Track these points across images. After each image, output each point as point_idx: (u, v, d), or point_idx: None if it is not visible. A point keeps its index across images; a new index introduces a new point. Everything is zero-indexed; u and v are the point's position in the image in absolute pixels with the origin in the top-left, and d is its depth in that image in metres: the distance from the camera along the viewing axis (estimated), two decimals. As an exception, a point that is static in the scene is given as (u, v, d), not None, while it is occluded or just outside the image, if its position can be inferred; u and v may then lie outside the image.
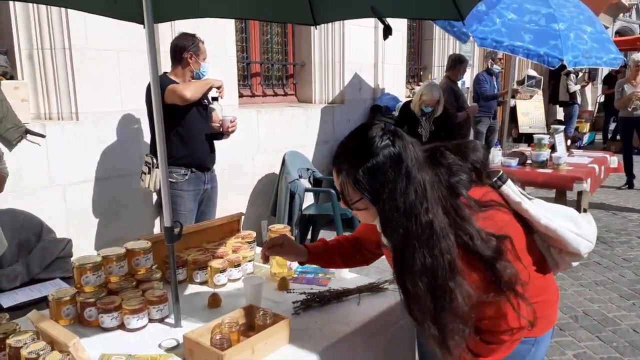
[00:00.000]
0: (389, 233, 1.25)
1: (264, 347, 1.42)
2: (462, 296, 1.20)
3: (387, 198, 1.21)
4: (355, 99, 6.02)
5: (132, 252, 1.78)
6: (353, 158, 1.24)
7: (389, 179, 1.20)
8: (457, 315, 1.21)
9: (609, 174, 5.09)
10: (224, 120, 3.30)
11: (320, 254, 1.70)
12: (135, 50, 3.61)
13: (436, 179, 1.26)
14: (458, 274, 1.20)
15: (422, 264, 1.19)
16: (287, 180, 4.54)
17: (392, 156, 1.21)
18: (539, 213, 1.41)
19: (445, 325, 1.22)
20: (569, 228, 1.44)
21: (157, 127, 1.63)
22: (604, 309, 3.59)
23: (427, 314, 1.22)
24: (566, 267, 1.56)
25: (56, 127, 3.35)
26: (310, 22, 2.19)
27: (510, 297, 1.26)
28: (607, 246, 4.91)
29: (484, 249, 1.22)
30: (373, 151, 1.21)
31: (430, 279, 1.20)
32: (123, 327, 1.60)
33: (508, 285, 1.24)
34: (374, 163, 1.21)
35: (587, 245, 1.48)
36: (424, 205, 1.20)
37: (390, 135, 1.24)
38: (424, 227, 1.19)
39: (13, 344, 1.29)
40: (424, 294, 1.21)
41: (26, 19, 3.31)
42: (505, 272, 1.23)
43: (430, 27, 7.75)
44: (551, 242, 1.50)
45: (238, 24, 4.90)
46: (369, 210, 1.29)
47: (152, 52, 1.58)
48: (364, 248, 1.70)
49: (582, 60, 4.33)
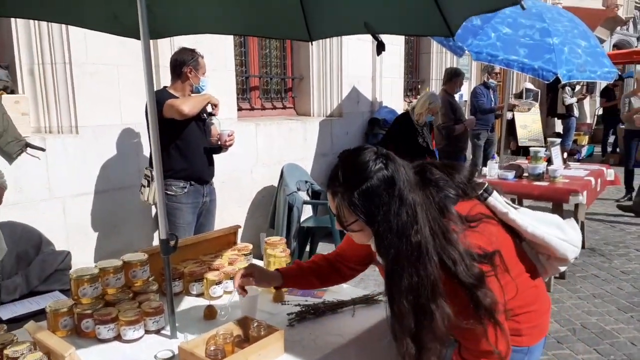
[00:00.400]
0: (382, 252, 1.28)
1: (257, 358, 1.44)
2: (441, 318, 1.22)
3: (382, 220, 1.24)
4: (354, 112, 6.07)
5: (129, 265, 1.80)
6: (348, 181, 1.27)
7: (383, 201, 1.24)
8: (435, 335, 1.24)
9: (605, 186, 5.11)
10: (221, 134, 3.34)
11: (294, 276, 1.71)
12: (134, 65, 3.66)
13: (427, 200, 1.29)
14: (440, 296, 1.23)
15: (409, 283, 1.23)
16: (285, 192, 4.56)
17: (386, 179, 1.24)
18: (525, 222, 1.45)
19: (423, 345, 1.25)
20: (556, 235, 1.49)
21: (152, 140, 1.66)
22: (601, 322, 3.58)
23: (408, 332, 1.25)
24: (554, 272, 1.61)
25: (56, 140, 3.39)
26: (306, 39, 2.24)
27: (487, 326, 1.28)
28: (605, 259, 4.91)
29: (465, 276, 1.24)
30: (367, 175, 1.24)
31: (414, 298, 1.23)
32: (119, 338, 1.62)
33: (487, 312, 1.26)
34: (369, 186, 1.24)
35: (573, 250, 1.52)
36: (414, 227, 1.23)
37: (383, 159, 1.27)
38: (413, 247, 1.22)
39: (10, 354, 1.31)
40: (407, 312, 1.24)
41: (27, 34, 3.36)
42: (485, 300, 1.25)
43: (427, 41, 7.83)
44: (539, 249, 1.54)
45: (237, 39, 4.96)
46: (364, 232, 1.32)
47: (147, 66, 1.62)
48: (343, 265, 1.71)
49: (576, 74, 4.37)
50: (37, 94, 3.46)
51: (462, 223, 1.31)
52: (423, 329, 1.24)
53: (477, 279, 1.25)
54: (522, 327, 1.45)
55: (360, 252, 1.62)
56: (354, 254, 1.67)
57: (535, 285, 1.53)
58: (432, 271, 1.22)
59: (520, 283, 1.44)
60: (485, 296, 1.25)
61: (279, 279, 1.68)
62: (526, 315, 1.46)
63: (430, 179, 1.36)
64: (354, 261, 1.69)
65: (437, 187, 1.35)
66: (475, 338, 1.31)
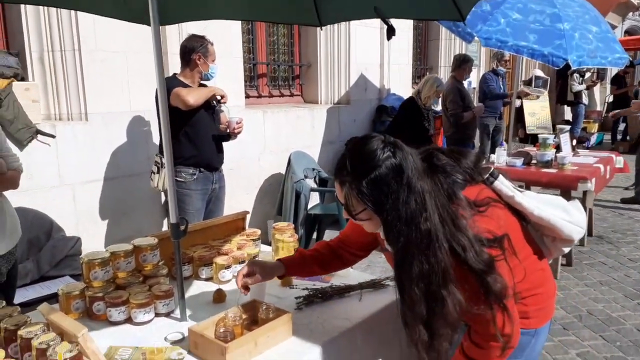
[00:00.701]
0: (391, 241, 1.29)
1: (266, 340, 1.46)
2: (453, 303, 1.24)
3: (391, 208, 1.24)
4: (361, 99, 6.05)
5: (139, 249, 1.83)
6: (356, 170, 1.27)
7: (392, 189, 1.24)
8: (447, 321, 1.25)
9: (614, 174, 5.08)
10: (230, 122, 3.35)
11: (297, 265, 1.71)
12: (143, 51, 3.67)
13: (435, 187, 1.30)
14: (451, 282, 1.24)
15: (420, 270, 1.24)
16: (292, 180, 4.58)
17: (394, 167, 1.24)
18: (532, 205, 1.46)
19: (435, 332, 1.27)
20: (561, 216, 1.50)
21: (163, 127, 1.68)
22: (608, 309, 3.59)
23: (420, 319, 1.26)
24: (559, 253, 1.63)
25: (66, 127, 3.42)
26: (315, 24, 2.23)
27: (496, 311, 1.29)
28: (613, 246, 4.90)
29: (474, 262, 1.25)
30: (375, 163, 1.24)
31: (426, 285, 1.24)
32: (130, 320, 1.65)
33: (497, 298, 1.27)
34: (377, 175, 1.24)
35: (578, 231, 1.54)
36: (423, 215, 1.23)
37: (391, 147, 1.27)
38: (423, 234, 1.23)
39: (24, 335, 1.34)
40: (418, 299, 1.25)
41: (37, 21, 3.37)
42: (495, 285, 1.26)
43: (436, 27, 7.76)
44: (544, 232, 1.55)
45: (245, 26, 4.95)
46: (372, 220, 1.32)
47: (157, 53, 1.62)
48: (346, 251, 1.71)
49: (587, 60, 4.33)
50: (47, 81, 3.48)
51: (470, 208, 1.32)
52: (435, 315, 1.25)
53: (487, 264, 1.26)
54: (529, 309, 1.46)
55: (364, 238, 1.63)
56: (358, 239, 1.67)
57: (541, 268, 1.54)
58: (442, 258, 1.23)
59: (527, 266, 1.45)
60: (495, 282, 1.26)
61: (282, 269, 1.68)
62: (533, 297, 1.47)
63: (437, 165, 1.36)
64: (356, 247, 1.70)
65: (445, 173, 1.35)
66: (485, 322, 1.32)
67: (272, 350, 1.48)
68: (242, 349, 1.39)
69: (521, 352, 1.45)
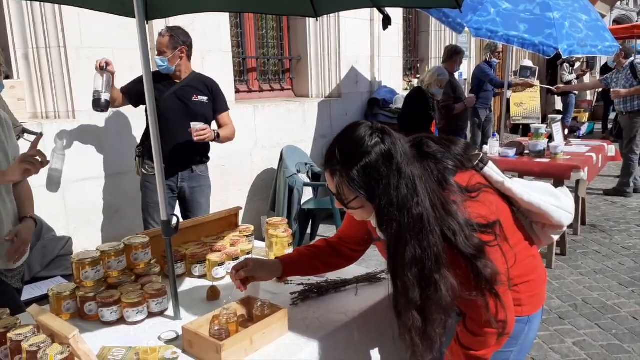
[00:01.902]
0: (383, 227, 1.28)
1: (262, 336, 1.44)
2: (446, 288, 1.23)
3: (382, 194, 1.24)
4: (353, 92, 6.02)
5: (130, 247, 1.79)
6: (346, 158, 1.26)
7: (382, 175, 1.23)
8: (440, 306, 1.24)
9: (606, 162, 5.10)
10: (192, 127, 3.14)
11: (295, 262, 1.67)
12: (130, 47, 3.61)
13: (425, 172, 1.29)
14: (443, 267, 1.23)
15: (413, 255, 1.23)
16: (285, 175, 4.55)
17: (384, 153, 1.24)
18: (522, 190, 1.46)
19: (429, 317, 1.26)
20: (550, 202, 1.50)
21: (151, 124, 1.64)
22: (603, 297, 3.60)
23: (413, 304, 1.25)
24: (548, 241, 1.63)
25: (53, 125, 3.36)
26: (311, 14, 2.19)
27: (488, 298, 1.28)
28: (606, 234, 4.92)
29: (465, 247, 1.24)
30: (365, 150, 1.24)
31: (419, 270, 1.23)
32: (123, 320, 1.62)
33: (487, 283, 1.26)
34: (367, 161, 1.23)
35: (567, 216, 1.54)
36: (414, 199, 1.23)
37: (379, 133, 1.26)
38: (415, 219, 1.22)
39: (14, 337, 1.30)
40: (412, 284, 1.24)
41: (20, 18, 3.31)
42: (485, 270, 1.25)
43: (426, 19, 7.73)
44: (534, 218, 1.55)
45: (233, 19, 4.90)
46: (364, 208, 1.31)
47: (143, 48, 1.58)
48: (345, 247, 1.70)
49: (577, 49, 4.32)
50: (32, 79, 3.42)
51: (462, 193, 1.31)
52: (428, 300, 1.24)
53: (477, 249, 1.25)
54: (522, 296, 1.45)
55: (360, 232, 1.62)
56: (354, 234, 1.66)
57: (532, 254, 1.54)
58: (434, 242, 1.22)
59: (519, 252, 1.44)
60: (486, 267, 1.25)
61: (279, 267, 1.65)
62: (525, 284, 1.47)
63: (427, 152, 1.35)
64: (354, 242, 1.69)
65: (435, 159, 1.34)
66: (478, 308, 1.31)
67: (268, 346, 1.45)
68: (238, 347, 1.37)
69: (515, 340, 1.45)
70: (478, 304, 1.30)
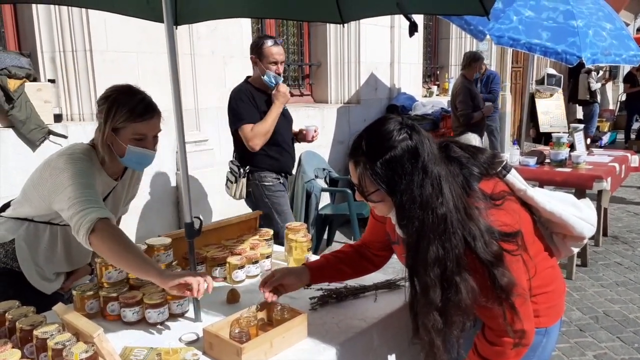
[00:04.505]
0: (404, 224, 1.27)
1: (281, 340, 1.44)
2: (466, 290, 1.22)
3: (404, 190, 1.23)
4: (372, 98, 6.02)
5: (152, 248, 1.81)
6: (371, 151, 1.26)
7: (406, 171, 1.23)
8: (460, 308, 1.24)
9: (629, 173, 5.01)
10: (308, 131, 3.25)
11: (323, 267, 1.68)
12: (154, 52, 3.67)
13: (450, 175, 1.28)
14: (464, 269, 1.23)
15: (435, 256, 1.22)
16: (303, 180, 4.56)
17: (410, 149, 1.23)
18: (544, 199, 1.45)
19: (449, 318, 1.25)
20: (572, 212, 1.49)
21: (177, 130, 1.66)
22: (625, 310, 3.53)
23: (434, 305, 1.25)
24: (568, 253, 1.60)
25: (78, 127, 3.42)
26: (337, 20, 2.20)
27: (505, 307, 1.27)
28: (629, 246, 4.83)
29: (483, 253, 1.23)
30: (391, 144, 1.24)
31: (441, 271, 1.23)
32: (144, 321, 1.64)
33: (504, 292, 1.25)
34: (392, 156, 1.23)
35: (589, 228, 1.52)
36: (439, 199, 1.22)
37: (408, 129, 1.26)
38: (439, 219, 1.22)
39: (40, 335, 1.33)
40: (433, 285, 1.23)
41: (48, 22, 3.39)
42: (502, 279, 1.24)
43: (446, 26, 7.71)
44: (554, 229, 1.53)
45: (255, 25, 4.94)
46: (384, 203, 1.31)
47: (171, 53, 1.61)
48: (369, 251, 1.71)
49: (601, 58, 4.26)
50: (58, 81, 3.49)
51: (486, 201, 1.30)
52: (449, 302, 1.24)
53: (495, 256, 1.24)
54: (540, 307, 1.43)
55: (382, 236, 1.62)
56: (377, 239, 1.67)
57: (551, 265, 1.52)
58: (456, 244, 1.22)
59: (538, 263, 1.43)
60: (503, 276, 1.24)
61: (306, 273, 1.65)
62: (544, 295, 1.45)
63: (452, 156, 1.35)
64: (377, 247, 1.69)
65: (460, 164, 1.34)
66: (495, 317, 1.30)
67: (288, 350, 1.46)
68: (258, 350, 1.38)
69: (532, 352, 1.43)
70: (494, 313, 1.29)
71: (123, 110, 1.74)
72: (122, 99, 1.77)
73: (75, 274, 2.04)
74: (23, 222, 1.86)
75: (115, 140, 1.77)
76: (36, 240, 1.84)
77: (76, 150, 1.77)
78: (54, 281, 1.94)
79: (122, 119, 1.75)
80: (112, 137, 1.77)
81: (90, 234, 1.50)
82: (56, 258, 1.91)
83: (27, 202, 1.83)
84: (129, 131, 1.77)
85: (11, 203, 1.94)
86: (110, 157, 1.82)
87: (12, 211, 1.90)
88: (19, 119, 3.06)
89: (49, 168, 1.72)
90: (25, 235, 1.85)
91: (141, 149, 1.80)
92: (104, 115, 1.77)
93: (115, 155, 1.81)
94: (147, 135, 1.81)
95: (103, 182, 1.86)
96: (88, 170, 1.71)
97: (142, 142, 1.80)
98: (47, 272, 1.91)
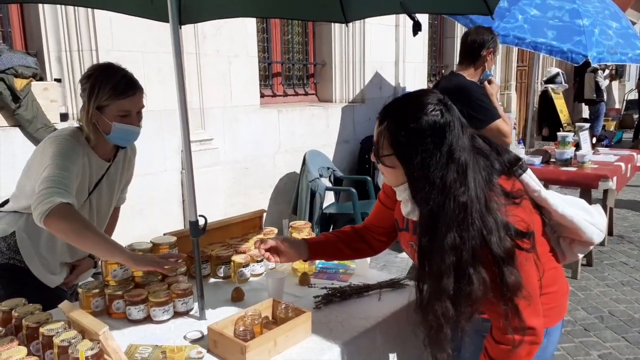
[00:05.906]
0: (419, 201, 1.26)
1: (285, 339, 1.45)
2: (478, 282, 1.21)
3: (419, 165, 1.22)
4: (376, 97, 6.01)
5: (158, 247, 1.83)
6: (399, 114, 1.26)
7: (425, 147, 1.21)
8: (470, 299, 1.23)
9: (635, 172, 4.98)
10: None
11: (322, 244, 1.70)
12: (160, 51, 3.68)
13: (476, 165, 1.27)
14: (477, 261, 1.22)
15: (453, 243, 1.21)
16: (307, 179, 4.57)
17: (437, 126, 1.21)
18: (557, 202, 1.44)
19: (459, 308, 1.24)
20: (584, 217, 1.48)
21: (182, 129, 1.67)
22: (630, 310, 3.52)
23: (446, 293, 1.23)
24: (573, 258, 1.59)
25: (84, 127, 3.44)
26: (341, 20, 2.20)
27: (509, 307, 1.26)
28: (634, 246, 4.81)
29: (496, 247, 1.22)
30: (420, 115, 1.22)
31: (457, 259, 1.21)
32: (149, 319, 1.65)
33: (509, 291, 1.24)
34: (417, 126, 1.22)
35: (599, 234, 1.51)
36: (462, 187, 1.21)
37: (443, 107, 1.24)
38: (460, 207, 1.20)
39: (46, 332, 1.34)
40: (447, 272, 1.22)
41: (54, 22, 3.40)
42: (509, 277, 1.23)
43: (451, 24, 7.68)
44: (563, 232, 1.52)
45: (259, 24, 4.95)
46: (395, 170, 1.30)
47: (177, 53, 1.62)
48: (370, 235, 1.71)
49: (607, 57, 4.24)
50: (64, 80, 3.51)
51: (505, 197, 1.29)
52: (460, 291, 1.22)
53: (507, 253, 1.23)
54: (542, 307, 1.42)
55: (386, 222, 1.63)
56: (380, 224, 1.67)
57: (555, 266, 1.52)
58: (474, 235, 1.21)
59: (543, 263, 1.42)
60: (511, 274, 1.23)
61: (304, 247, 1.67)
62: (546, 296, 1.44)
63: (478, 147, 1.34)
64: (380, 232, 1.69)
65: (484, 156, 1.33)
66: (499, 316, 1.29)
67: (292, 349, 1.47)
68: (262, 348, 1.39)
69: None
70: (499, 310, 1.28)
71: (106, 88, 1.76)
72: (104, 77, 1.78)
73: (79, 267, 2.04)
74: (22, 214, 1.87)
75: (100, 118, 1.79)
76: (36, 230, 1.84)
77: (63, 132, 1.82)
78: (58, 274, 1.95)
79: (106, 97, 1.76)
80: (97, 115, 1.79)
81: (46, 215, 1.51)
82: (58, 248, 1.92)
83: (22, 194, 1.85)
84: (113, 108, 1.79)
85: (10, 198, 1.96)
86: (96, 135, 1.83)
87: (10, 205, 1.92)
88: (25, 118, 3.08)
89: (37, 153, 1.77)
90: (25, 226, 1.86)
91: (126, 125, 1.82)
92: (87, 94, 1.78)
93: (102, 133, 1.83)
94: (131, 111, 1.83)
95: (95, 164, 1.88)
96: (70, 151, 1.73)
97: (126, 119, 1.82)
98: (52, 262, 1.92)
